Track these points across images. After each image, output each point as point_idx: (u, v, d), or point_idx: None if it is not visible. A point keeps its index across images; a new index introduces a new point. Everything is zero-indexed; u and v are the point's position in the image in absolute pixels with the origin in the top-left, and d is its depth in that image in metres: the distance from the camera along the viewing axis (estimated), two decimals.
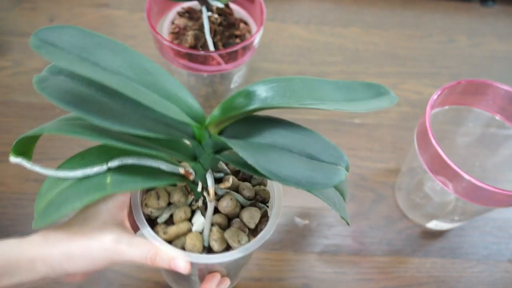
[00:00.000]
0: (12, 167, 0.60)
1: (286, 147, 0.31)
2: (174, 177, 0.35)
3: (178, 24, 0.64)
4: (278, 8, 0.86)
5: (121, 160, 0.32)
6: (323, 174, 0.29)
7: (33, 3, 0.80)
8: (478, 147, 0.63)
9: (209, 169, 0.35)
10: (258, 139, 0.32)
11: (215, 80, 0.65)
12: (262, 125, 0.33)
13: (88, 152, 0.34)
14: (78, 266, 0.32)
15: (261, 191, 0.40)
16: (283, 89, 0.31)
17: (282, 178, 0.27)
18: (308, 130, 0.32)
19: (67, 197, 0.31)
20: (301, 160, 0.30)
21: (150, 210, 0.37)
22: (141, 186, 0.32)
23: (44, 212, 0.32)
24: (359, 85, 0.35)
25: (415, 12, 0.90)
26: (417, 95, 0.76)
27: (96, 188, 0.31)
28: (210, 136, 0.32)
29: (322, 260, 0.57)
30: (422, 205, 0.61)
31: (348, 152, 0.67)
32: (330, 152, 0.31)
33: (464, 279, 0.57)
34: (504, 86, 0.53)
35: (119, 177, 0.32)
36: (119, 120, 0.29)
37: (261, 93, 0.31)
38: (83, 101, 0.29)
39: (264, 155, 0.29)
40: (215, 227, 0.36)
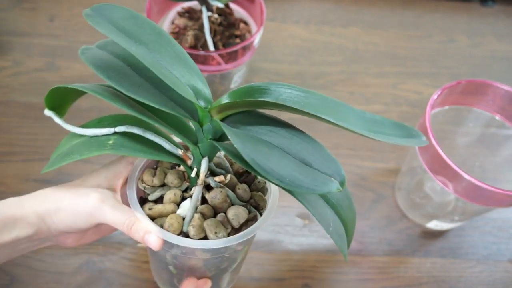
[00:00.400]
0: (12, 167, 0.60)
1: (281, 146, 0.31)
2: (173, 157, 0.36)
3: (178, 24, 0.64)
4: (278, 8, 0.86)
5: (127, 128, 0.35)
6: (311, 179, 0.28)
7: (33, 3, 0.80)
8: (478, 147, 0.63)
9: (206, 156, 0.35)
10: (255, 133, 0.32)
11: (215, 80, 0.65)
12: (264, 121, 0.33)
13: (105, 118, 0.37)
14: (64, 219, 0.34)
15: (257, 197, 0.39)
16: (298, 97, 0.30)
17: (265, 170, 0.26)
18: (311, 137, 0.32)
19: (73, 150, 0.34)
20: (293, 162, 0.29)
21: (144, 186, 0.38)
22: (137, 155, 0.34)
23: (53, 160, 0.35)
24: (388, 122, 0.33)
25: (415, 12, 0.90)
26: (417, 95, 0.76)
27: (97, 146, 0.33)
28: (211, 121, 0.33)
29: (322, 260, 0.57)
30: (422, 205, 0.61)
31: (348, 152, 0.67)
32: (327, 163, 0.30)
33: (464, 279, 0.57)
34: (504, 86, 0.53)
35: (120, 141, 0.34)
36: (135, 90, 0.32)
37: (275, 91, 0.30)
38: (110, 69, 0.33)
39: (254, 145, 0.28)
40: (197, 215, 0.36)
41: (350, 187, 0.63)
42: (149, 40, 0.34)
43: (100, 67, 0.32)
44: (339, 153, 0.67)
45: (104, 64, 0.33)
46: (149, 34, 0.34)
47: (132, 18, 0.34)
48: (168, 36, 0.35)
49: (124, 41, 0.31)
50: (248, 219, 0.37)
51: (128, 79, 0.33)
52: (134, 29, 0.34)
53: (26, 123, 0.64)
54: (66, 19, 0.78)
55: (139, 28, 0.34)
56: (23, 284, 0.51)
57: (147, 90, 0.33)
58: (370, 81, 0.77)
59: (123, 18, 0.34)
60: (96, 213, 0.34)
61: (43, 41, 0.74)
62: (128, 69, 0.34)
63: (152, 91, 0.34)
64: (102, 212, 0.34)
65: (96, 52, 0.34)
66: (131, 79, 0.33)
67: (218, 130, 0.34)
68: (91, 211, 0.34)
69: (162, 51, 0.34)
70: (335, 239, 0.34)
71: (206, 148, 0.35)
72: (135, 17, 0.35)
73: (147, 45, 0.33)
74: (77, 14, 0.79)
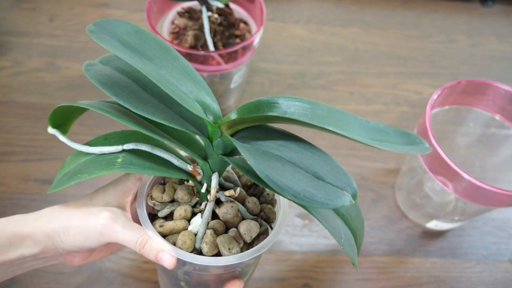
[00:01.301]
0: (12, 167, 0.60)
1: (293, 160, 0.30)
2: (182, 173, 0.35)
3: (178, 24, 0.64)
4: (278, 8, 0.86)
5: (136, 145, 0.34)
6: (324, 193, 0.28)
7: (33, 3, 0.80)
8: (478, 147, 0.63)
9: (216, 171, 0.35)
10: (267, 148, 0.31)
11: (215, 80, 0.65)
12: (274, 136, 0.32)
13: (111, 134, 0.37)
14: (73, 239, 0.33)
15: (267, 209, 0.39)
16: (306, 110, 0.30)
17: (280, 186, 0.26)
18: (321, 151, 0.32)
19: (81, 169, 0.34)
20: (305, 176, 0.29)
21: (153, 203, 0.37)
22: (147, 172, 0.33)
23: (60, 180, 0.34)
24: (392, 130, 0.33)
25: (415, 12, 0.90)
26: (417, 95, 0.76)
27: (106, 165, 0.33)
28: (221, 136, 0.32)
29: (322, 260, 0.57)
30: (422, 205, 0.61)
31: (348, 152, 0.67)
32: (338, 176, 0.30)
33: (464, 279, 0.57)
34: (504, 86, 0.53)
35: (129, 159, 0.33)
36: (143, 107, 0.32)
37: (282, 105, 0.30)
38: (116, 85, 0.32)
39: (267, 161, 0.28)
40: (210, 231, 0.36)
41: None
42: (154, 56, 0.33)
43: (106, 84, 0.32)
44: (339, 153, 0.67)
45: (109, 81, 0.33)
46: (155, 49, 0.34)
47: (136, 33, 0.34)
48: (174, 51, 0.35)
49: (129, 57, 0.31)
50: (260, 233, 0.37)
51: (135, 96, 0.33)
52: (139, 44, 0.33)
53: (26, 123, 0.64)
54: (66, 19, 0.78)
55: (144, 43, 0.34)
56: (23, 284, 0.51)
57: (154, 106, 0.33)
58: (370, 81, 0.77)
59: (127, 33, 0.33)
60: (107, 232, 0.33)
61: (43, 41, 0.74)
62: (134, 85, 0.34)
63: (159, 107, 0.33)
64: (113, 231, 0.33)
65: (100, 68, 0.34)
66: (138, 95, 0.33)
67: (228, 145, 0.33)
68: (102, 230, 0.33)
69: (169, 66, 0.34)
70: (346, 250, 0.34)
71: (216, 163, 0.35)
72: (139, 32, 0.34)
73: (153, 60, 0.33)
74: (77, 14, 0.79)
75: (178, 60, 0.35)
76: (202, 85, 0.34)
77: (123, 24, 0.34)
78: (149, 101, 0.33)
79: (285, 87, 0.73)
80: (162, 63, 0.33)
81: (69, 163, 0.36)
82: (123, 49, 0.32)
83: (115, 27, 0.34)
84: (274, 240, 0.36)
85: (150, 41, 0.34)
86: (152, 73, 0.31)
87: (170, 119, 0.32)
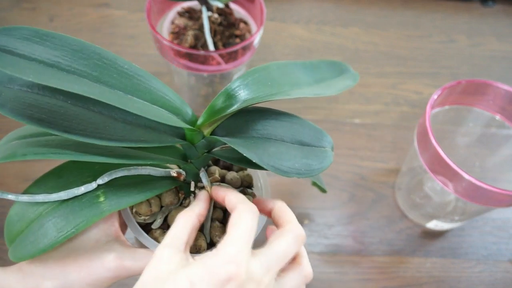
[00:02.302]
0: (12, 167, 0.60)
1: (279, 137, 0.32)
2: (167, 181, 0.34)
3: (178, 24, 0.64)
4: (278, 8, 0.86)
5: (110, 175, 0.29)
6: (316, 159, 0.30)
7: (33, 3, 0.80)
8: (478, 147, 0.63)
9: (201, 168, 0.34)
10: (252, 133, 0.32)
11: (215, 80, 0.65)
12: (253, 117, 0.33)
13: (64, 168, 0.30)
14: None
15: (246, 177, 0.40)
16: (264, 78, 0.31)
17: (285, 171, 0.28)
18: (294, 116, 0.33)
19: (50, 225, 0.27)
20: (297, 149, 0.31)
21: (143, 218, 0.36)
22: (139, 199, 0.30)
23: (21, 245, 0.28)
24: (323, 64, 0.36)
25: (415, 12, 0.90)
26: (417, 95, 0.76)
27: (90, 210, 0.28)
28: (204, 137, 0.31)
29: (322, 260, 0.57)
30: (422, 205, 0.61)
31: (348, 152, 0.67)
32: (317, 136, 0.32)
33: (464, 279, 0.57)
34: (504, 86, 0.53)
35: (112, 193, 0.29)
36: (105, 134, 0.26)
37: (242, 90, 0.31)
38: (55, 116, 0.25)
39: (264, 150, 0.29)
40: (214, 223, 0.36)
41: (350, 187, 0.63)
42: (90, 65, 0.25)
43: (43, 121, 0.24)
44: (339, 153, 0.67)
45: (42, 113, 0.24)
46: (86, 57, 0.25)
47: (48, 39, 0.25)
48: (110, 53, 0.27)
49: (58, 79, 0.23)
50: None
51: (86, 123, 0.26)
52: (62, 56, 0.24)
53: None
54: (66, 19, 0.78)
55: (67, 51, 0.25)
56: None
57: (112, 128, 0.27)
58: (370, 81, 0.77)
59: (37, 44, 0.24)
60: (120, 272, 0.31)
61: None
62: (71, 105, 0.26)
63: (118, 125, 0.27)
64: (125, 269, 0.31)
65: (12, 95, 0.24)
66: (86, 119, 0.26)
67: (212, 143, 0.32)
68: (112, 275, 0.30)
69: (113, 75, 0.26)
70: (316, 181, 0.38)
71: (201, 161, 0.34)
72: (51, 36, 0.25)
73: (93, 71, 0.25)
74: (77, 14, 0.79)
75: (120, 61, 0.28)
76: (163, 88, 0.30)
77: (23, 31, 0.24)
78: (103, 122, 0.27)
79: None
80: (104, 74, 0.26)
81: (19, 219, 0.29)
82: (45, 69, 0.23)
83: (16, 40, 0.24)
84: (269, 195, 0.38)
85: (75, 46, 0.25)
86: (106, 95, 0.24)
87: (140, 139, 0.27)
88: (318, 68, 0.36)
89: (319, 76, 0.35)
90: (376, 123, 0.71)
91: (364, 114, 0.72)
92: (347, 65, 0.39)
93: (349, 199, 0.63)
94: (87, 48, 0.26)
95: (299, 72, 0.34)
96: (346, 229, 0.60)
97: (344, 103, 0.73)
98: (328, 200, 0.62)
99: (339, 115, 0.71)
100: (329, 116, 0.71)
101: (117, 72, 0.27)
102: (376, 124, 0.71)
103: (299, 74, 0.34)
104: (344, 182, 0.64)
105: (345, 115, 0.71)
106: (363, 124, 0.71)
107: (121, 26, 0.79)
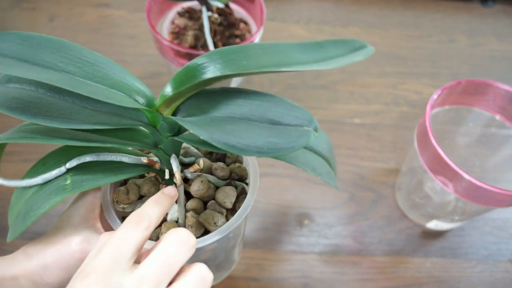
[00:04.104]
0: (12, 167, 0.60)
1: (244, 116, 0.29)
2: (139, 168, 0.33)
3: (178, 24, 0.64)
4: (278, 8, 0.86)
5: (78, 159, 0.31)
6: (287, 138, 0.27)
7: (33, 3, 0.80)
8: (478, 147, 0.63)
9: (172, 153, 0.33)
10: (214, 113, 0.30)
11: None
12: (217, 97, 0.31)
13: (48, 157, 0.33)
14: (56, 276, 0.31)
15: (237, 169, 0.38)
16: (239, 57, 0.29)
17: (241, 148, 0.25)
18: (268, 94, 0.30)
19: (31, 205, 0.30)
20: (262, 127, 0.28)
21: (122, 207, 0.36)
22: (103, 182, 0.31)
23: (13, 224, 0.31)
24: (329, 43, 0.33)
25: (415, 12, 0.90)
26: (417, 95, 0.76)
27: (56, 192, 0.30)
28: (164, 119, 0.30)
29: (322, 260, 0.57)
30: (422, 205, 0.61)
31: (348, 152, 0.67)
32: (294, 114, 0.29)
33: (464, 279, 0.57)
34: (504, 86, 0.53)
35: (79, 176, 0.31)
36: (67, 118, 0.28)
37: (215, 62, 0.29)
38: (29, 105, 0.29)
39: (218, 128, 0.27)
40: (190, 213, 0.35)
41: (350, 187, 0.63)
42: (56, 58, 0.29)
43: (17, 109, 0.28)
44: (339, 153, 0.67)
45: (20, 103, 0.29)
46: (54, 51, 0.30)
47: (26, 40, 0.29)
48: (76, 45, 0.31)
49: (31, 71, 0.27)
50: (238, 194, 0.37)
51: (57, 110, 0.29)
52: (34, 52, 0.29)
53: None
54: (66, 19, 0.78)
55: (39, 48, 0.29)
56: None
57: (80, 114, 0.30)
58: (370, 81, 0.77)
59: (16, 44, 0.29)
60: (85, 256, 0.30)
61: None
62: (49, 96, 0.30)
63: (86, 111, 0.30)
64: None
65: (3, 91, 0.30)
66: (59, 107, 0.30)
67: (174, 125, 0.32)
68: (81, 257, 0.31)
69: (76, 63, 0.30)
70: (325, 178, 0.34)
71: (169, 146, 0.33)
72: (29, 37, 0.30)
73: (59, 62, 0.29)
74: (77, 14, 0.79)
75: (83, 52, 0.31)
76: (123, 73, 0.31)
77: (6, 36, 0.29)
78: (73, 110, 0.30)
79: (284, 87, 0.73)
80: (69, 66, 0.29)
81: (16, 203, 0.32)
82: (19, 64, 0.28)
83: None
84: (254, 196, 0.36)
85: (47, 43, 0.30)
86: (64, 80, 0.28)
87: (102, 122, 0.29)
88: (322, 47, 0.33)
89: (320, 56, 0.32)
90: (376, 123, 0.71)
91: (364, 114, 0.72)
92: (363, 42, 0.34)
93: (349, 199, 0.63)
94: (55, 44, 0.30)
95: (292, 52, 0.31)
96: (346, 229, 0.60)
97: (344, 103, 0.73)
98: (328, 200, 0.62)
99: (339, 115, 0.71)
100: (329, 116, 0.71)
101: (80, 61, 0.30)
102: (376, 124, 0.71)
103: (293, 53, 0.31)
104: (344, 182, 0.64)
105: (345, 115, 0.71)
106: (363, 124, 0.71)
107: (121, 26, 0.79)
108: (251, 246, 0.57)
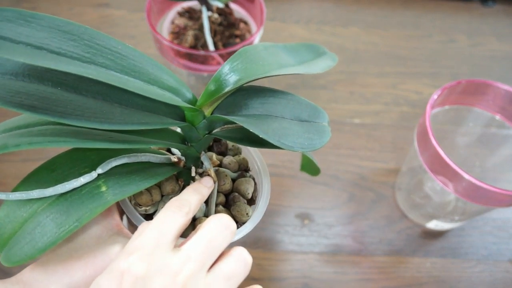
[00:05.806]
0: (12, 167, 0.60)
1: (279, 114, 0.32)
2: (167, 167, 0.32)
3: (178, 24, 0.64)
4: (278, 8, 0.86)
5: (110, 163, 0.28)
6: (317, 134, 0.30)
7: (33, 3, 0.80)
8: (478, 147, 0.63)
9: (202, 151, 0.33)
10: (251, 111, 0.32)
11: None
12: (250, 96, 0.33)
13: (57, 162, 0.28)
14: None
15: (242, 161, 0.40)
16: (255, 57, 0.31)
17: (291, 145, 0.28)
18: (289, 93, 0.33)
19: (48, 222, 0.25)
20: (298, 125, 0.31)
21: (143, 209, 0.35)
22: (143, 186, 0.29)
23: (16, 248, 0.25)
24: (301, 46, 0.36)
25: (415, 12, 0.90)
26: (417, 95, 0.76)
27: (92, 201, 0.26)
28: (205, 117, 0.30)
29: (322, 260, 0.57)
30: (422, 205, 0.61)
31: (348, 152, 0.67)
32: (313, 112, 0.33)
33: (464, 279, 0.57)
34: (504, 86, 0.53)
35: (114, 182, 0.27)
36: (102, 118, 0.25)
37: (235, 71, 0.30)
38: (43, 101, 0.23)
39: (268, 126, 0.29)
40: (219, 208, 0.36)
41: (350, 187, 0.63)
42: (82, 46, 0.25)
43: (31, 107, 0.22)
44: (339, 153, 0.67)
45: (28, 98, 0.23)
46: (77, 39, 0.25)
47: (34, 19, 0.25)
48: (102, 34, 0.26)
49: (50, 60, 0.22)
50: None
51: (79, 107, 0.24)
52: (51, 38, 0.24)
53: None
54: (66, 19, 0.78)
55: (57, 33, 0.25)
56: None
57: (110, 111, 0.26)
58: (370, 81, 0.77)
59: (23, 26, 0.24)
60: None
61: None
62: (62, 91, 0.25)
63: (115, 109, 0.26)
64: None
65: (4, 84, 0.24)
66: (80, 104, 0.25)
67: (213, 124, 0.32)
68: None
69: (107, 56, 0.26)
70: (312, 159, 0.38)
71: (203, 144, 0.33)
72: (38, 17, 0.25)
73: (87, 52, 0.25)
74: (77, 14, 0.79)
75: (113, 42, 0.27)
76: (160, 69, 0.29)
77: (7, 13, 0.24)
78: (99, 107, 0.26)
79: (285, 87, 0.73)
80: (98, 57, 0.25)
81: (9, 220, 0.26)
82: (44, 54, 0.23)
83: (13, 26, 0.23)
84: (269, 182, 0.38)
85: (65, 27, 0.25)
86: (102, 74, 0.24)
87: (138, 121, 0.26)
88: (298, 50, 0.36)
89: (299, 58, 0.35)
90: (376, 123, 0.71)
91: (364, 114, 0.72)
92: (323, 48, 0.39)
93: (349, 199, 0.63)
94: (77, 29, 0.25)
95: (282, 54, 0.34)
96: (346, 229, 0.60)
97: (344, 103, 0.73)
98: (328, 200, 0.62)
99: (339, 115, 0.71)
100: (329, 116, 0.70)
101: (110, 53, 0.26)
102: (376, 124, 0.71)
103: (283, 55, 0.34)
104: (344, 182, 0.64)
105: (345, 115, 0.71)
106: (363, 124, 0.71)
107: (121, 26, 0.79)
108: (251, 246, 0.57)
